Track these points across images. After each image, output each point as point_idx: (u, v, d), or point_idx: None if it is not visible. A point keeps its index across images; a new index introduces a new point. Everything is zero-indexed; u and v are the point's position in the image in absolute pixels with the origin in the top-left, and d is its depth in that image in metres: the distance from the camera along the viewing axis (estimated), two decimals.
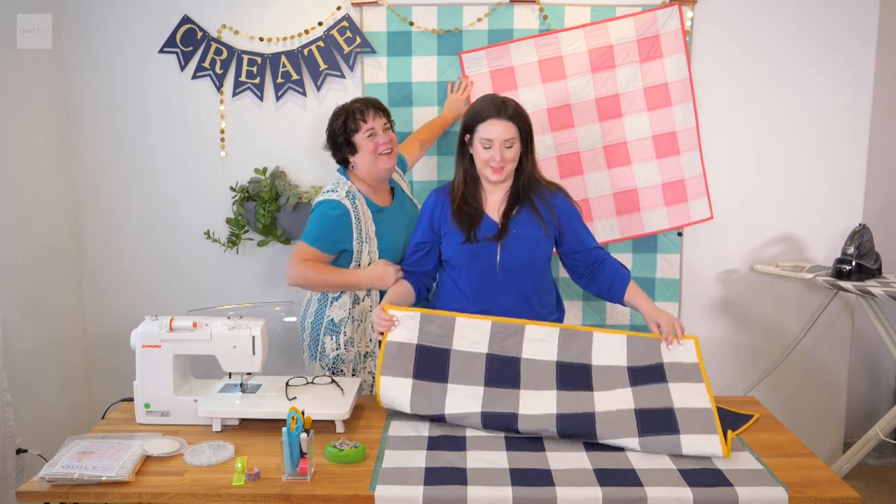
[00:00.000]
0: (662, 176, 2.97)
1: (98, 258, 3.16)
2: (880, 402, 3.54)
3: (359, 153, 2.48)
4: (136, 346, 2.12)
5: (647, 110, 2.92)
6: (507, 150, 2.25)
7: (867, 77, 2.99)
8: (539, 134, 2.78)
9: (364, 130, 2.45)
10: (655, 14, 2.87)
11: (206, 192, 3.10)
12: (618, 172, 2.97)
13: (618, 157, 2.96)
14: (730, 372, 3.20)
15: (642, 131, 2.94)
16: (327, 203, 2.45)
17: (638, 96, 2.91)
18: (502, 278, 2.33)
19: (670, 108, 2.92)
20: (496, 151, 2.24)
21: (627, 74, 2.90)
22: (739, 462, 1.87)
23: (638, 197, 2.98)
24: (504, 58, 2.89)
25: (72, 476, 1.77)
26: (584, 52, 2.89)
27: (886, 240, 3.24)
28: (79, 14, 2.99)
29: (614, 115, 2.93)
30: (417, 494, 1.71)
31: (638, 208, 2.99)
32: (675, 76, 2.90)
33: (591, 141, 2.95)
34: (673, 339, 2.14)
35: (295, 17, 2.97)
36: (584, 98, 2.92)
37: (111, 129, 3.07)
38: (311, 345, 2.57)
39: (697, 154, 2.97)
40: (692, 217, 3.02)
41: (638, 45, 2.88)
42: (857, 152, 3.05)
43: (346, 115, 2.47)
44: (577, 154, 2.96)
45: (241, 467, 1.82)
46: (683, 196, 2.99)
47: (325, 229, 2.44)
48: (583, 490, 1.73)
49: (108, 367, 3.19)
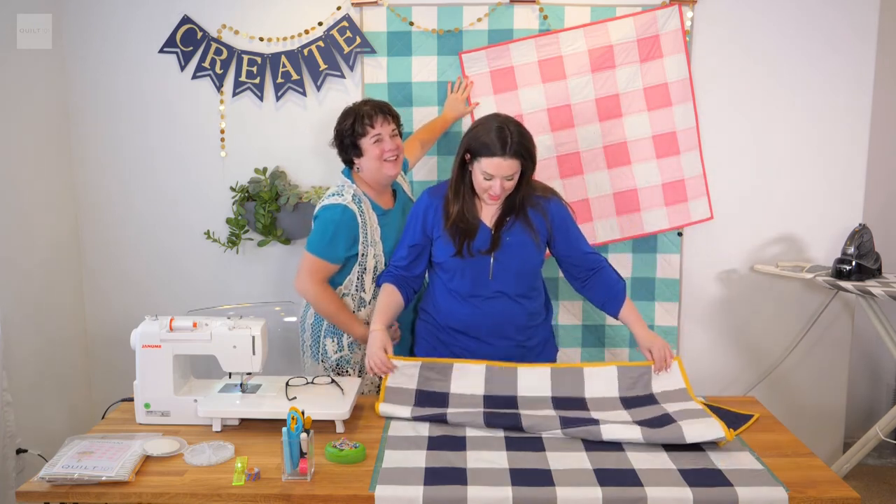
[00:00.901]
0: (662, 176, 2.97)
1: (98, 258, 3.16)
2: (880, 402, 3.54)
3: (364, 157, 2.46)
4: (136, 346, 2.12)
5: (647, 110, 2.92)
6: (507, 182, 2.25)
7: (867, 77, 2.99)
8: (539, 134, 2.79)
9: (371, 136, 2.43)
10: (655, 14, 2.87)
11: (206, 192, 3.10)
12: (618, 172, 2.97)
13: (618, 157, 2.96)
14: (730, 372, 3.20)
15: (642, 131, 2.94)
16: (333, 209, 2.43)
17: (638, 96, 2.91)
18: (494, 283, 2.33)
19: (670, 108, 2.92)
20: (496, 184, 2.24)
21: (627, 74, 2.90)
22: (739, 462, 1.87)
23: (638, 197, 2.98)
24: (504, 58, 2.89)
25: (72, 476, 1.77)
26: (584, 52, 2.89)
27: (886, 240, 3.24)
28: (79, 14, 2.99)
29: (614, 115, 2.93)
30: (417, 494, 1.71)
31: (638, 208, 2.99)
32: (675, 76, 2.90)
33: (591, 141, 2.95)
34: (663, 365, 2.22)
35: (295, 17, 2.97)
36: (584, 98, 2.92)
37: (111, 129, 3.07)
38: (312, 346, 2.57)
39: (697, 154, 2.97)
40: (692, 217, 3.02)
41: (638, 45, 2.88)
42: (857, 152, 3.05)
43: (355, 118, 2.44)
44: (577, 154, 2.96)
45: (241, 467, 1.82)
46: (683, 196, 2.99)
47: (331, 239, 2.42)
48: (583, 490, 1.73)
49: (108, 367, 3.19)
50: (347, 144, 2.47)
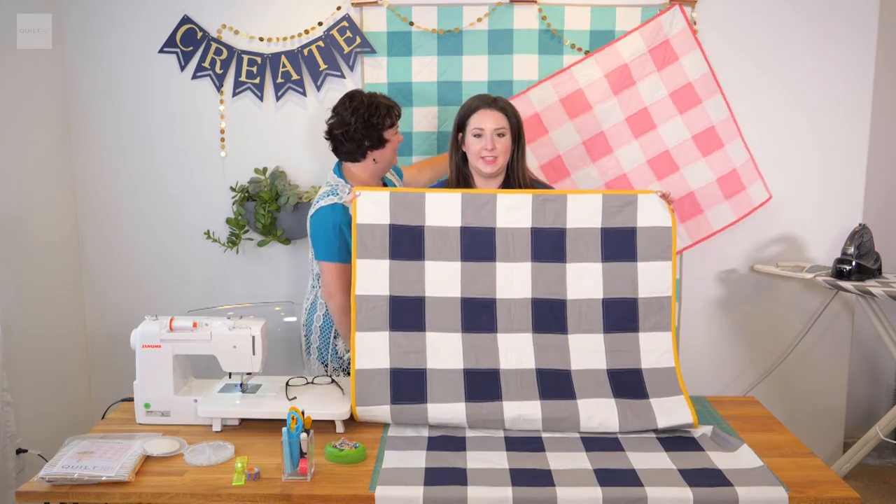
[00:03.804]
0: (714, 172, 2.94)
1: (98, 258, 3.16)
2: (880, 402, 3.54)
3: (385, 148, 2.47)
4: (136, 346, 2.12)
5: (679, 114, 2.91)
6: (498, 140, 2.28)
7: (867, 77, 2.99)
8: (581, 168, 2.87)
9: (396, 128, 2.48)
10: (660, 21, 2.87)
11: (207, 192, 3.09)
12: (669, 181, 2.94)
13: (665, 167, 2.94)
14: (730, 372, 3.20)
15: (680, 135, 2.92)
16: (325, 211, 2.41)
17: (666, 104, 2.91)
18: None
19: (701, 104, 2.91)
20: (487, 140, 2.28)
21: (649, 86, 2.89)
22: (739, 462, 1.87)
23: (696, 198, 2.96)
24: (526, 107, 2.88)
25: (72, 476, 1.77)
26: (600, 77, 2.89)
27: (886, 240, 3.24)
28: (79, 14, 2.99)
29: (648, 129, 2.92)
30: (417, 494, 1.71)
31: (700, 209, 2.97)
32: (695, 73, 2.89)
33: (633, 160, 2.94)
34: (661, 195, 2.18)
35: (295, 17, 2.97)
36: (614, 121, 2.91)
37: (111, 129, 3.07)
38: (320, 347, 2.55)
39: (740, 141, 2.95)
40: (754, 202, 2.99)
41: (651, 55, 2.88)
42: (857, 152, 3.05)
43: (388, 109, 2.43)
44: (623, 176, 2.94)
45: (241, 467, 1.82)
46: (740, 185, 2.96)
47: (332, 241, 2.39)
48: (583, 490, 1.73)
49: (108, 367, 3.19)
50: (374, 136, 2.43)
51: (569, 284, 2.16)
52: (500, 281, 2.15)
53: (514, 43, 2.94)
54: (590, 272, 2.16)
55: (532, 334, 2.14)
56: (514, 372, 2.10)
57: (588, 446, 1.95)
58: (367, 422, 2.10)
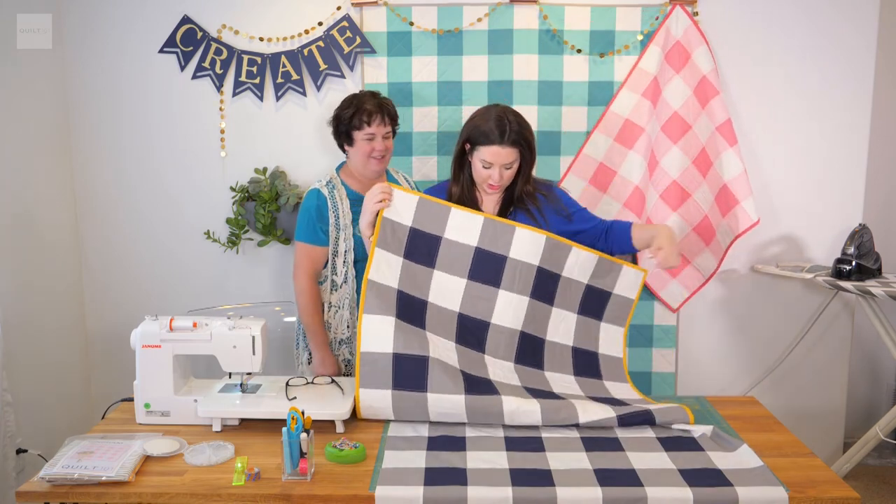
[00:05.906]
0: (743, 163, 2.91)
1: (98, 258, 3.16)
2: (880, 402, 3.54)
3: (353, 148, 2.54)
4: (136, 345, 2.12)
5: (702, 110, 2.93)
6: (506, 171, 2.26)
7: (867, 77, 2.99)
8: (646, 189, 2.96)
9: (365, 132, 2.49)
10: (667, 25, 2.89)
11: (207, 192, 3.10)
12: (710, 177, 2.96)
13: (704, 165, 2.96)
14: (730, 372, 3.20)
15: (708, 126, 2.92)
16: (308, 195, 2.54)
17: (692, 103, 2.93)
18: None
19: (718, 96, 2.90)
20: (495, 172, 2.25)
21: (673, 89, 2.92)
22: (739, 462, 1.87)
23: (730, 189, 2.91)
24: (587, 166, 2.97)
25: (72, 476, 1.77)
26: (638, 100, 2.91)
27: (886, 240, 3.24)
28: (79, 14, 2.99)
29: (685, 130, 2.95)
30: (417, 494, 1.71)
31: (736, 201, 2.90)
32: (707, 67, 2.90)
33: (679, 164, 2.97)
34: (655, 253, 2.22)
35: (295, 17, 2.97)
36: (654, 132, 2.95)
37: (111, 129, 3.07)
38: (300, 334, 2.65)
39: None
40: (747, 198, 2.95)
41: (666, 59, 2.92)
42: (857, 152, 3.05)
43: (356, 111, 2.49)
44: (675, 183, 2.99)
45: (241, 467, 1.82)
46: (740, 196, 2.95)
47: (307, 221, 2.51)
48: (583, 490, 1.73)
49: (108, 367, 3.19)
50: (342, 132, 2.54)
51: (550, 326, 2.29)
52: (498, 307, 2.23)
53: (514, 43, 2.94)
54: (567, 320, 2.30)
55: (514, 364, 2.25)
56: (503, 382, 2.18)
57: (588, 446, 1.95)
58: (367, 418, 2.11)
